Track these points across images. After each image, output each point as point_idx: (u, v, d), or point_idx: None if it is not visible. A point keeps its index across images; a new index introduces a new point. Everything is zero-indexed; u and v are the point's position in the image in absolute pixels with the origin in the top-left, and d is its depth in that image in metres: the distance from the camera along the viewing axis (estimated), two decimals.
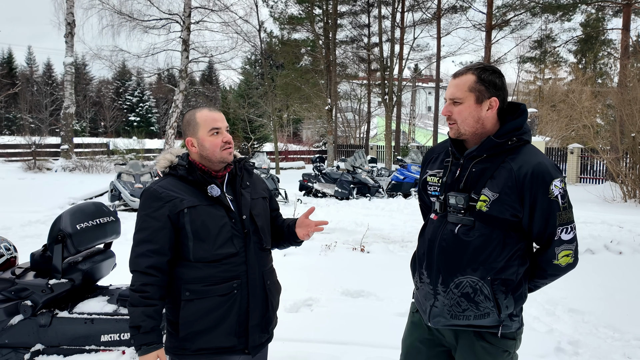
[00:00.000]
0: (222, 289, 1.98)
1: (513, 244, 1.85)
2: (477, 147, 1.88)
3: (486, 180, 1.84)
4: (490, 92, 1.87)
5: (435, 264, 1.92)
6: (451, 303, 1.89)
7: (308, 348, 3.75)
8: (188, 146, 2.09)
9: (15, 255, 3.18)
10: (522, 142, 1.87)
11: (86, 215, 2.87)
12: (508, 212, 1.81)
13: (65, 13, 19.40)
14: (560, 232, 1.83)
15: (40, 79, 57.55)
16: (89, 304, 2.91)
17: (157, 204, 1.96)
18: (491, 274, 1.83)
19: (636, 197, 12.54)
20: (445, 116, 1.94)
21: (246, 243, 2.05)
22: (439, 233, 1.92)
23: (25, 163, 18.68)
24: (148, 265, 1.92)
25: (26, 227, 8.72)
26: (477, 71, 1.88)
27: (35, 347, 2.81)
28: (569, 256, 1.86)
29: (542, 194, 1.79)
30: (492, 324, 1.87)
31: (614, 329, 4.20)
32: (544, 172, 1.79)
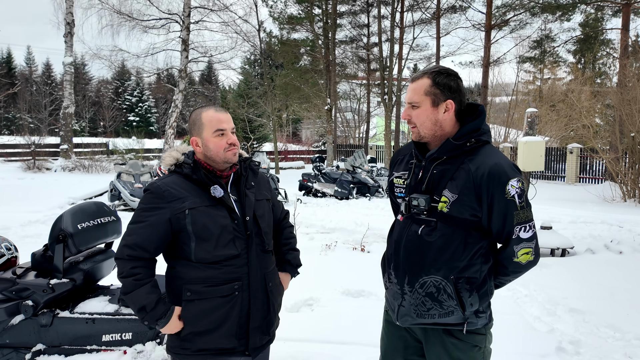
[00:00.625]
0: (223, 290, 1.98)
1: (475, 243, 1.90)
2: (437, 149, 1.93)
3: (446, 182, 1.89)
4: (445, 95, 1.91)
5: (402, 265, 1.98)
6: (417, 302, 1.94)
7: (309, 348, 3.75)
8: (193, 145, 2.09)
9: (16, 255, 3.17)
10: (481, 142, 1.91)
11: (87, 215, 2.87)
12: (467, 212, 1.86)
13: (65, 13, 19.39)
14: (519, 230, 1.87)
15: (39, 78, 57.49)
16: (90, 303, 2.90)
17: (157, 203, 1.96)
18: (454, 273, 1.89)
19: (636, 197, 12.54)
20: (405, 120, 1.98)
21: (248, 245, 2.04)
22: (404, 234, 1.98)
23: (25, 163, 18.66)
24: (130, 255, 1.94)
25: (26, 227, 8.71)
26: (432, 75, 1.92)
27: (37, 347, 2.81)
28: (528, 254, 1.91)
29: (498, 194, 1.83)
30: (456, 321, 1.92)
31: (615, 329, 4.19)
32: (500, 173, 1.83)
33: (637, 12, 19.79)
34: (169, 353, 2.05)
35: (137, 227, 1.96)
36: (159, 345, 2.80)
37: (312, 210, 10.90)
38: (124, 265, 1.94)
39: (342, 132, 36.21)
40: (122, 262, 1.95)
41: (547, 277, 5.66)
